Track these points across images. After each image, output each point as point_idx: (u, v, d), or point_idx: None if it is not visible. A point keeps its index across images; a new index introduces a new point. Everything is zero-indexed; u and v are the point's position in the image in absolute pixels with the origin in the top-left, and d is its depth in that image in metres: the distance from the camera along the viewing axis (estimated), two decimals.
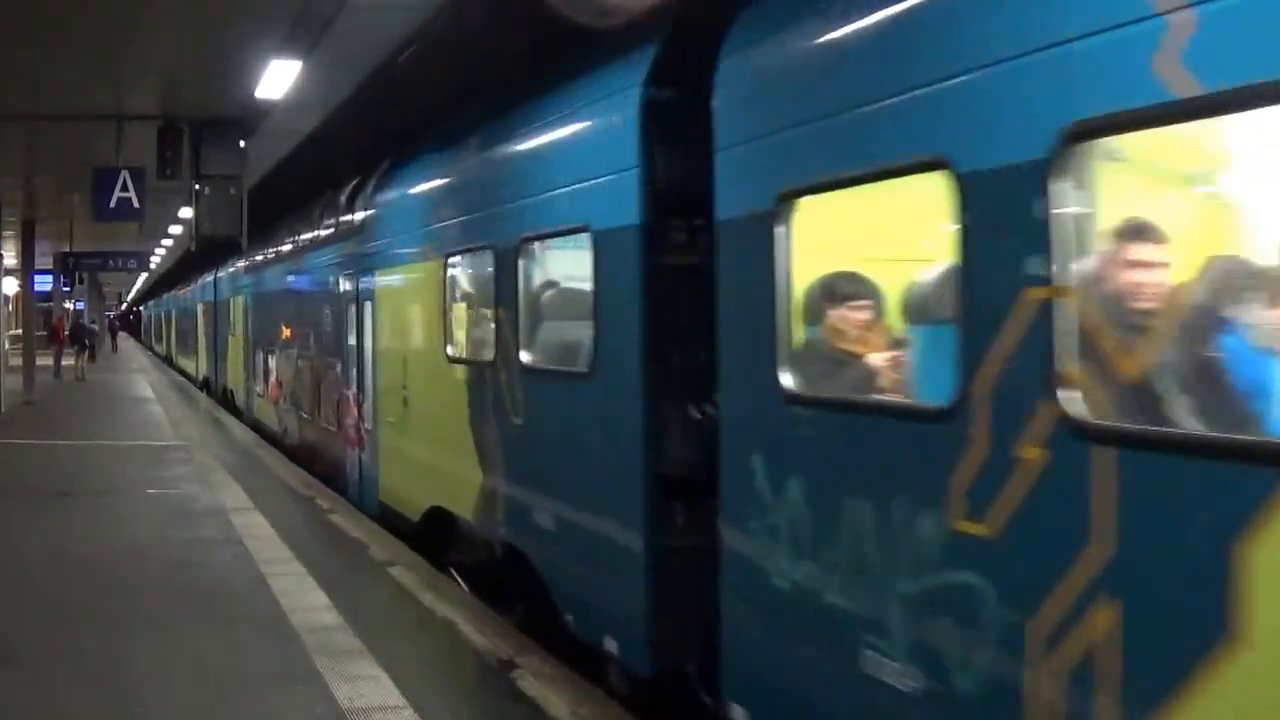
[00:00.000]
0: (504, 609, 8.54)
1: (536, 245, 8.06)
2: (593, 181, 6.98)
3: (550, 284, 8.21)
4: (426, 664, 7.38)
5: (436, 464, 10.02)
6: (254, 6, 10.23)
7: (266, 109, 13.71)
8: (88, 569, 9.66)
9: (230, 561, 9.88)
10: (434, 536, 10.11)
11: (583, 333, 7.16)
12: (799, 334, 5.23)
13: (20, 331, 31.77)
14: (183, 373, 41.09)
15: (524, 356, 7.92)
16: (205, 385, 32.24)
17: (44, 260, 35.14)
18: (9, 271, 30.23)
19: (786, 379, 5.08)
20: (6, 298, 30.82)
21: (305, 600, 8.49)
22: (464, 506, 9.10)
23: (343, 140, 15.56)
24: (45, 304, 39.98)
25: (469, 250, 9.25)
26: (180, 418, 23.56)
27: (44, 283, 38.16)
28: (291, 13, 10.10)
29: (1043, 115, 3.61)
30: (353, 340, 13.08)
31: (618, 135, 6.60)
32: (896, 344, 5.10)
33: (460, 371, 9.33)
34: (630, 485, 6.44)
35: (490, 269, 8.52)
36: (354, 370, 13.08)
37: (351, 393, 13.20)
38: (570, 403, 7.41)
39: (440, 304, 9.91)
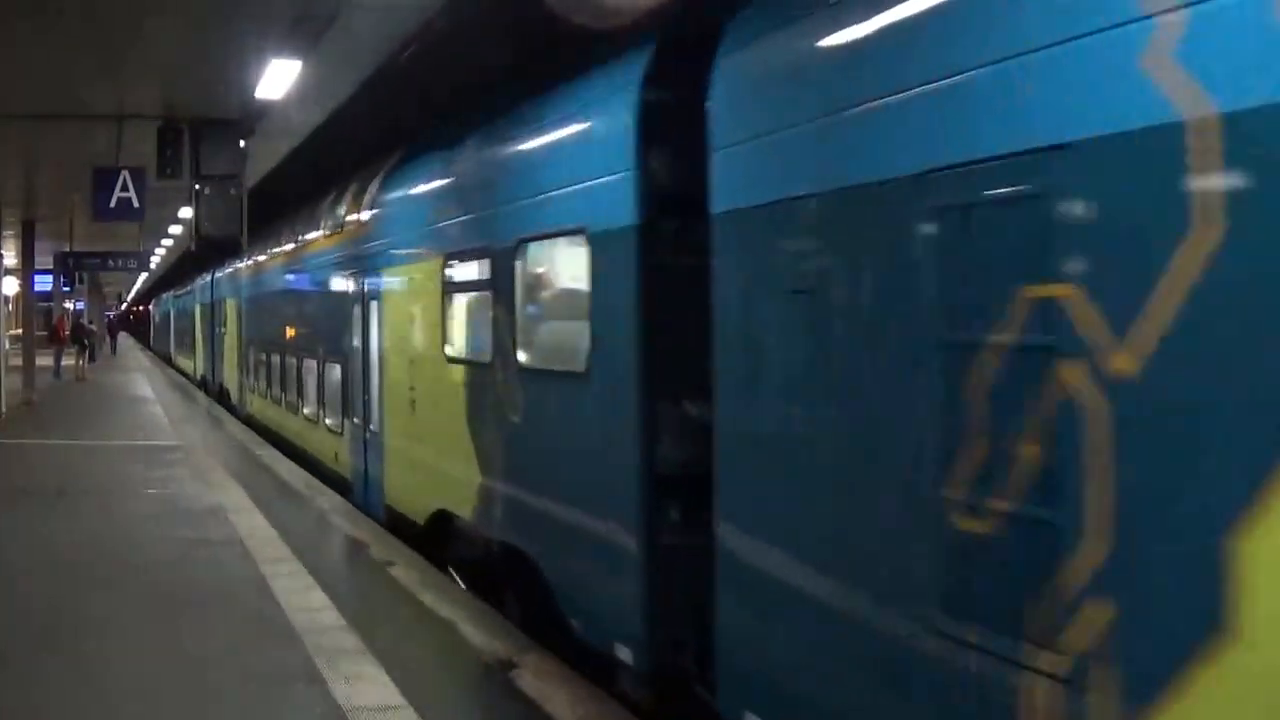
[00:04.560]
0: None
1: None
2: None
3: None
4: (426, 664, 7.38)
5: None
6: (254, 6, 10.22)
7: (266, 109, 13.70)
8: (87, 568, 9.66)
9: (230, 561, 9.87)
10: None
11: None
12: None
13: (20, 331, 31.76)
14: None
15: None
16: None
17: (44, 260, 35.12)
18: (9, 271, 30.22)
19: None
20: (6, 298, 30.82)
21: (305, 600, 8.49)
22: None
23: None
24: (45, 304, 39.97)
25: None
26: (180, 417, 23.56)
27: (44, 283, 38.14)
28: (291, 13, 10.10)
29: None
30: None
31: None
32: None
33: None
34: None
35: None
36: None
37: None
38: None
39: None
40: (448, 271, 9.64)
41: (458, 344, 9.66)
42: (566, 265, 7.65)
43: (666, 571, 6.24)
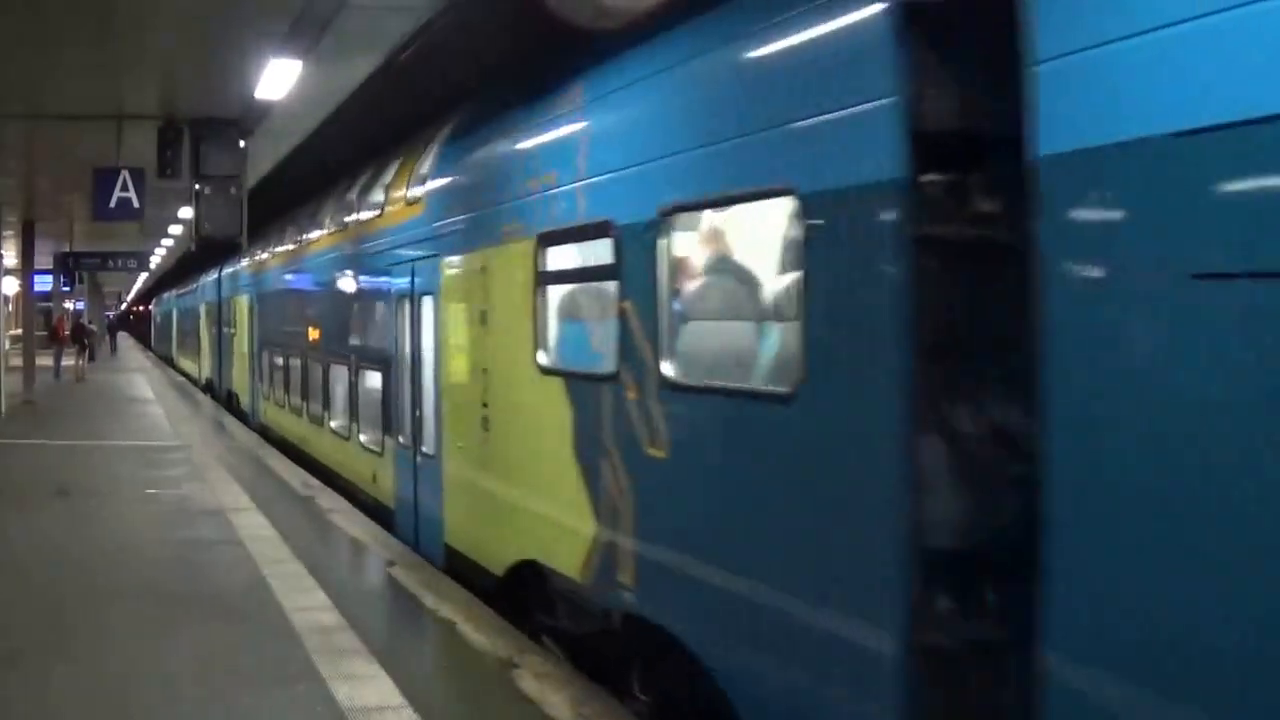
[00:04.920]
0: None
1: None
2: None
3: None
4: (426, 664, 7.40)
5: None
6: (254, 6, 10.22)
7: (267, 109, 13.71)
8: (87, 569, 9.66)
9: (230, 561, 9.87)
10: None
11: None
12: None
13: (20, 331, 31.79)
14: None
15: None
16: None
17: (44, 260, 35.15)
18: (9, 271, 30.24)
19: None
20: (6, 298, 30.83)
21: (305, 600, 8.49)
22: None
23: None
24: (45, 304, 40.01)
25: None
26: (180, 418, 23.55)
27: (44, 283, 38.18)
28: (291, 13, 10.10)
29: None
30: None
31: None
32: None
33: None
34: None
35: None
36: None
37: None
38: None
39: None
40: (544, 256, 7.42)
41: (559, 350, 7.47)
42: (751, 241, 5.73)
43: (939, 686, 4.26)
